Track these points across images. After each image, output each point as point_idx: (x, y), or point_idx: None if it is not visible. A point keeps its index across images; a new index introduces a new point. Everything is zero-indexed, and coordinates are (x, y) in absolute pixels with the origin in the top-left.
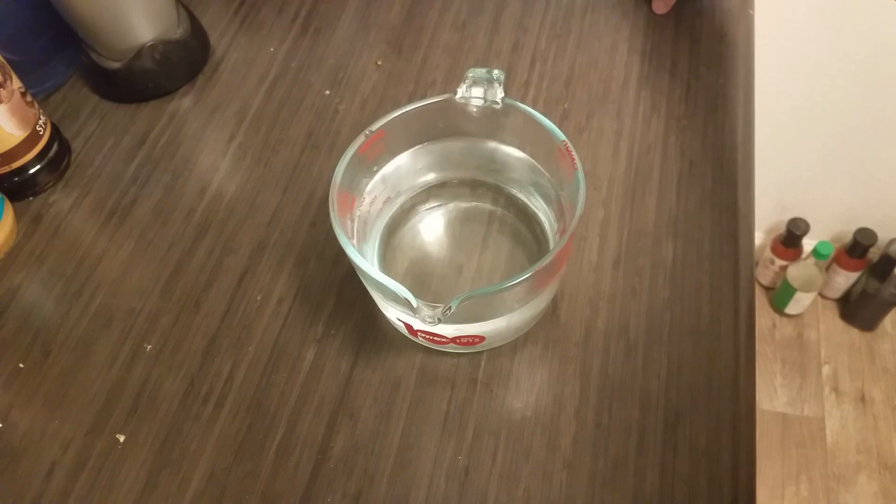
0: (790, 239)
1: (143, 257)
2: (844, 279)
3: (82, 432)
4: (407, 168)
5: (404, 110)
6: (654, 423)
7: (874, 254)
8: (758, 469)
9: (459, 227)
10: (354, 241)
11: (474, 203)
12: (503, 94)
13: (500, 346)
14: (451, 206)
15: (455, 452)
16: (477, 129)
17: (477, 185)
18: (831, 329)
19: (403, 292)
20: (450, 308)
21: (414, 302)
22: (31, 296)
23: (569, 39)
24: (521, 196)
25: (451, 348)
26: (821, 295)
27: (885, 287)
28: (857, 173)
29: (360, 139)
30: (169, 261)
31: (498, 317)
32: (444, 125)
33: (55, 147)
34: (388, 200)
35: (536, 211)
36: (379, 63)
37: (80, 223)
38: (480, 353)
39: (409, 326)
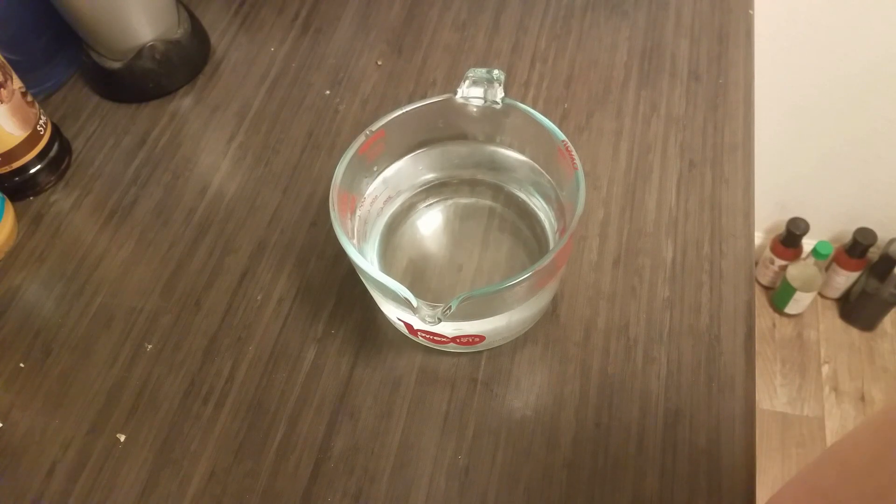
0: (790, 239)
1: (144, 257)
2: (844, 279)
3: (83, 432)
4: (407, 167)
5: (404, 110)
6: (654, 423)
7: (874, 253)
8: (758, 469)
9: (459, 225)
10: (355, 241)
11: (474, 200)
12: (503, 94)
13: (500, 346)
14: (451, 203)
15: (455, 452)
16: (477, 129)
17: (477, 184)
18: (831, 329)
19: (404, 292)
20: (450, 308)
21: (414, 301)
22: (32, 296)
23: (569, 39)
24: (521, 194)
25: (451, 348)
26: (820, 295)
27: (884, 287)
28: (857, 173)
29: (361, 139)
30: (169, 261)
31: (498, 316)
32: (444, 125)
33: (56, 147)
34: (388, 200)
35: (536, 210)
36: (379, 63)
37: (80, 223)
38: (480, 352)
39: (409, 326)
